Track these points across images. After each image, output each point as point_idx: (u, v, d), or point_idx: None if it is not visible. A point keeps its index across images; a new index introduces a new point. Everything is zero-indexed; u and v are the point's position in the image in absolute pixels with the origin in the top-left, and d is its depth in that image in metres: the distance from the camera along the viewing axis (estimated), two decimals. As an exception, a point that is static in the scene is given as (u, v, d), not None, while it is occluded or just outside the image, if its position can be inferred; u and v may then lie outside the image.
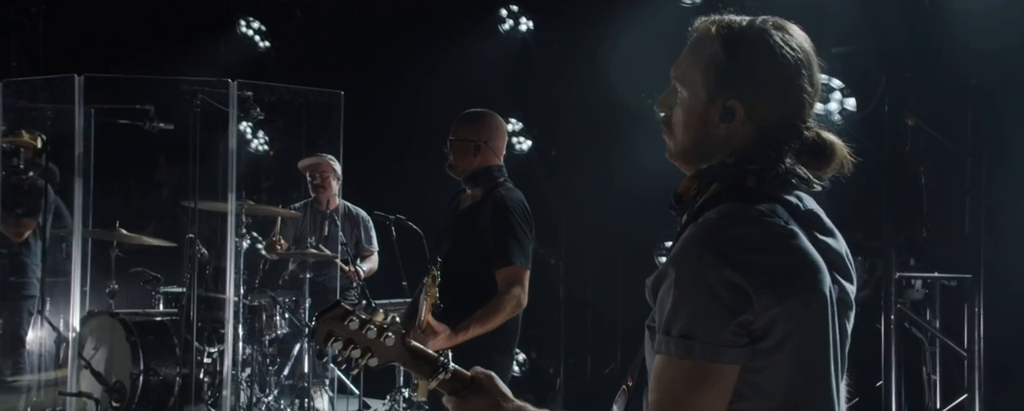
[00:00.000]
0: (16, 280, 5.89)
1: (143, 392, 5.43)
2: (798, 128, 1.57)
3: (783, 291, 1.41)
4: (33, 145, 5.95)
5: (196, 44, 7.52)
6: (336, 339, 1.85)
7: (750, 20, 1.57)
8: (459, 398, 1.79)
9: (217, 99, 5.45)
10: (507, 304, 3.36)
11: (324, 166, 5.94)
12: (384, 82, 7.15)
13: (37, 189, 5.95)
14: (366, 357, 1.86)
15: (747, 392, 1.44)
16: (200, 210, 5.52)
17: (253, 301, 5.67)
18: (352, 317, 1.85)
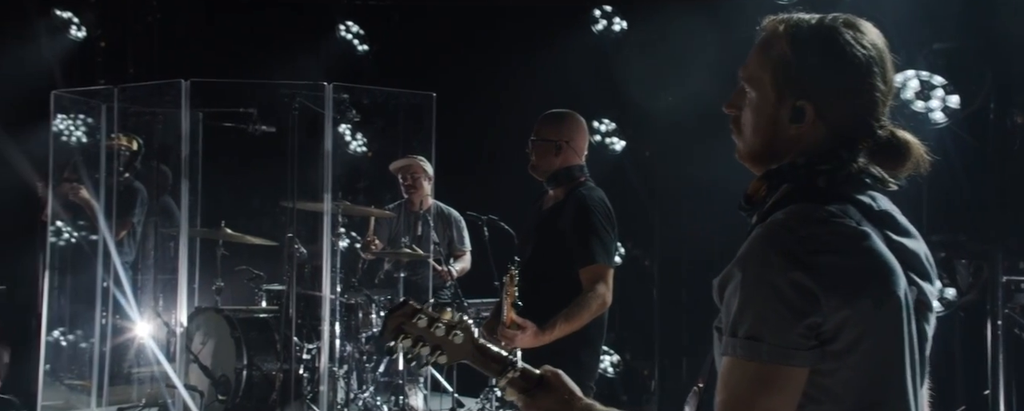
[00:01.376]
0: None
1: (247, 386, 5.62)
2: (871, 127, 1.52)
3: (853, 293, 1.38)
4: (130, 148, 6.25)
5: (298, 49, 7.75)
6: (405, 336, 1.88)
7: (819, 18, 1.53)
8: (528, 396, 1.80)
9: (315, 102, 5.61)
10: (593, 302, 3.36)
11: (415, 167, 6.04)
12: (478, 83, 7.22)
13: (133, 191, 6.25)
14: (435, 354, 1.88)
15: (817, 395, 1.42)
16: (299, 210, 5.70)
17: (350, 299, 5.80)
18: (421, 315, 1.88)
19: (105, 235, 5.98)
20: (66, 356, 6.63)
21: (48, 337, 6.18)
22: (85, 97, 6.14)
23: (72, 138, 6.96)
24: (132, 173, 6.25)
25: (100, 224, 6.06)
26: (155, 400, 5.97)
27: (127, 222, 6.22)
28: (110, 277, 5.74)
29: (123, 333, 6.21)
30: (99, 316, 6.08)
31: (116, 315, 6.13)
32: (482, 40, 7.48)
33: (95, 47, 7.57)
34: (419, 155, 6.08)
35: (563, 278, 3.47)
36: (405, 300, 1.90)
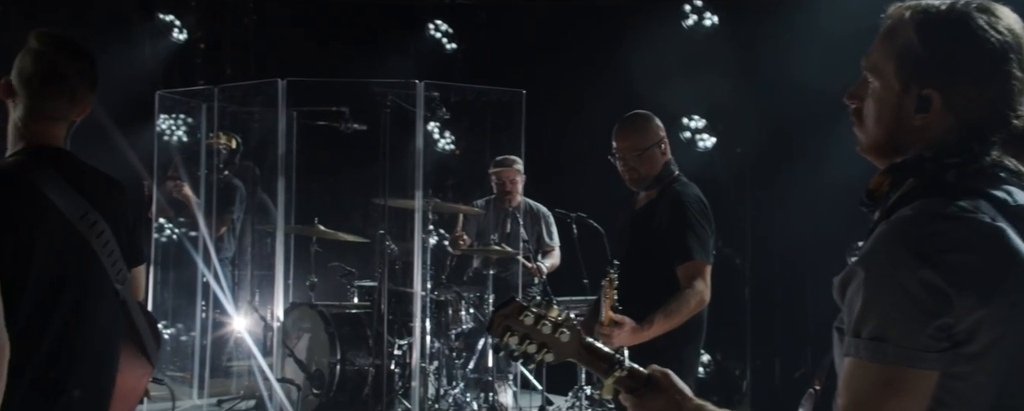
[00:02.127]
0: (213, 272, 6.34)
1: (340, 381, 5.72)
2: (1005, 117, 1.44)
3: (987, 292, 1.32)
4: (229, 146, 6.42)
5: (387, 48, 7.85)
6: (512, 334, 1.87)
7: (950, 3, 1.46)
8: (636, 397, 1.76)
9: (406, 100, 5.67)
10: (691, 299, 3.30)
11: (511, 173, 6.06)
12: (566, 80, 7.20)
13: (232, 188, 6.42)
14: (542, 353, 1.86)
15: (949, 400, 1.35)
16: (389, 207, 5.78)
17: (440, 296, 5.85)
18: (528, 312, 1.86)
19: (205, 232, 6.17)
20: (169, 349, 6.86)
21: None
22: (187, 97, 6.33)
23: (173, 137, 7.19)
24: (231, 171, 6.42)
25: (200, 221, 6.25)
26: (252, 393, 6.12)
27: (227, 219, 6.40)
28: (211, 272, 5.90)
29: (222, 327, 6.38)
30: (199, 310, 6.26)
31: (216, 309, 6.30)
32: (570, 37, 7.45)
33: (195, 49, 7.81)
34: (511, 155, 6.08)
35: (660, 277, 3.42)
36: (511, 297, 1.89)
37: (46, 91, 2.27)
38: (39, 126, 2.29)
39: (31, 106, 2.27)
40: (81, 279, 2.28)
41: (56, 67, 2.26)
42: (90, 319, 2.28)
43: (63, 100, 2.29)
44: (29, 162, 2.25)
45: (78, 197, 2.25)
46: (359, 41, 7.91)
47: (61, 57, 2.28)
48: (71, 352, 2.25)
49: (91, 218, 2.26)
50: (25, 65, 2.26)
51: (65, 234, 2.23)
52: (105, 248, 2.29)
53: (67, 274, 2.24)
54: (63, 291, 2.23)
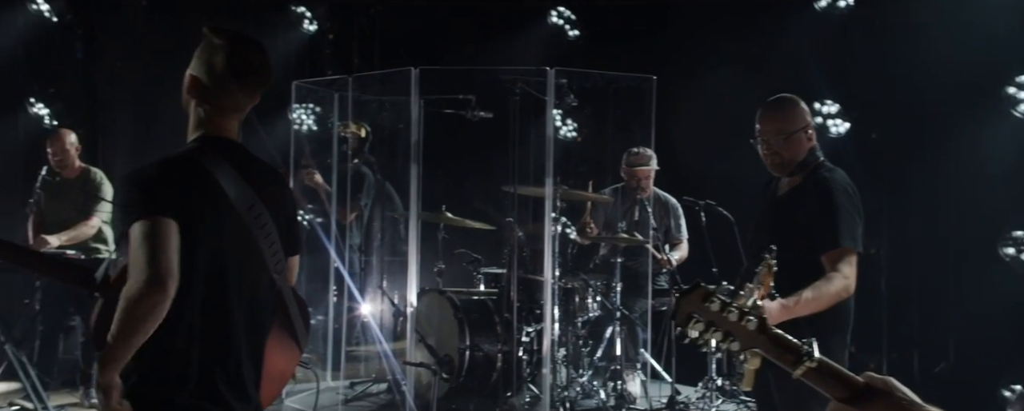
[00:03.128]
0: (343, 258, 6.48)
1: (469, 366, 5.78)
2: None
3: None
4: (358, 135, 6.54)
5: (511, 36, 7.87)
6: (697, 320, 1.83)
7: None
8: (857, 408, 1.67)
9: (534, 87, 5.66)
10: (837, 281, 3.17)
11: (648, 171, 6.00)
12: (693, 64, 7.07)
13: (360, 176, 6.54)
14: (727, 341, 1.82)
15: None
16: (517, 194, 5.79)
17: (567, 284, 5.83)
18: (713, 298, 1.82)
19: (337, 219, 6.31)
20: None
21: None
22: (322, 86, 6.48)
23: (303, 126, 7.38)
24: (361, 159, 6.55)
25: (331, 209, 6.40)
26: (383, 376, 6.25)
27: (355, 206, 6.53)
28: (340, 259, 6.03)
29: (353, 312, 6.53)
30: (331, 295, 6.42)
31: (348, 295, 6.45)
32: (697, 20, 7.31)
33: (324, 39, 8.00)
34: (645, 148, 6.01)
35: (806, 265, 3.31)
36: (697, 283, 1.84)
37: (236, 84, 2.32)
38: (221, 118, 2.36)
39: (218, 99, 2.33)
40: (243, 269, 2.32)
41: (246, 61, 2.32)
42: (247, 308, 2.33)
43: (248, 92, 2.36)
44: (207, 151, 2.31)
45: (248, 188, 2.31)
46: (481, 29, 7.95)
47: (248, 51, 2.35)
48: (231, 339, 2.31)
49: (257, 210, 2.32)
50: (215, 60, 2.31)
51: (234, 224, 2.29)
52: (267, 239, 2.34)
53: (230, 264, 2.29)
54: (225, 280, 2.28)
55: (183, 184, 2.22)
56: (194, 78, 2.33)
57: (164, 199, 2.16)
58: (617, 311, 5.78)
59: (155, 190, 2.18)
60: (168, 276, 2.10)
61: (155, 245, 2.11)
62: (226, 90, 2.32)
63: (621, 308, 5.79)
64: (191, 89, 2.34)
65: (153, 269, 2.08)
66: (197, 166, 2.27)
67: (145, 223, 2.13)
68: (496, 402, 5.53)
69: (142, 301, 2.08)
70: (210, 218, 2.25)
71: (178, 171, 2.25)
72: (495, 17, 8.01)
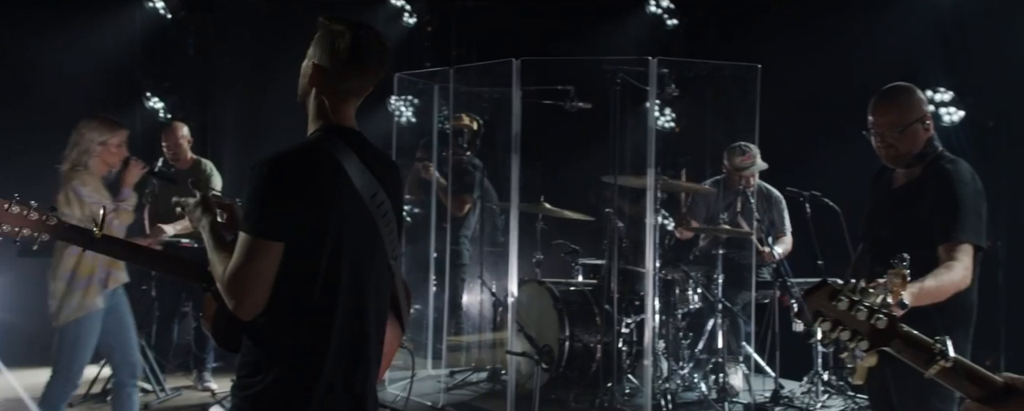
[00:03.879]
0: (454, 249, 6.55)
1: (568, 357, 5.79)
2: None
3: None
4: (470, 127, 6.58)
5: (608, 25, 7.81)
6: (824, 319, 1.79)
7: None
8: (993, 407, 1.61)
9: (634, 77, 5.61)
10: (957, 271, 3.01)
11: (752, 173, 5.90)
12: (795, 52, 6.89)
13: (474, 167, 6.59)
14: (855, 340, 1.78)
15: None
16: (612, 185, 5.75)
17: (667, 275, 5.78)
18: (841, 297, 1.78)
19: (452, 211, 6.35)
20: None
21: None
22: (424, 78, 6.55)
23: (401, 118, 7.48)
24: (474, 151, 6.61)
25: (439, 200, 6.47)
26: (483, 365, 6.31)
27: (468, 197, 6.59)
28: (446, 248, 6.10)
29: (455, 301, 6.60)
30: (431, 284, 6.50)
31: (450, 284, 6.52)
32: (798, 6, 7.12)
33: (422, 32, 8.09)
34: (748, 143, 5.90)
35: (925, 260, 3.19)
36: (823, 280, 1.80)
37: (357, 69, 2.32)
38: (342, 106, 2.35)
39: (339, 85, 2.33)
40: (371, 257, 2.32)
41: (366, 45, 2.32)
42: (375, 296, 2.33)
43: (369, 77, 2.36)
44: (332, 140, 2.29)
45: (371, 177, 2.31)
46: (576, 20, 7.91)
47: (368, 36, 2.34)
48: (363, 328, 2.30)
49: (379, 198, 2.32)
50: (338, 45, 2.30)
51: (358, 213, 2.29)
52: (387, 227, 2.35)
53: (360, 253, 2.28)
54: (356, 269, 2.27)
55: (311, 177, 2.21)
56: (317, 66, 2.33)
57: (278, 217, 2.16)
58: (718, 303, 5.70)
59: (277, 198, 2.17)
60: (244, 304, 2.15)
61: (249, 269, 2.15)
62: (347, 75, 2.32)
63: (723, 300, 5.71)
64: (313, 78, 2.34)
65: (236, 292, 2.15)
66: (326, 155, 2.25)
67: (251, 240, 2.15)
68: (596, 392, 5.52)
69: (221, 289, 2.20)
70: (339, 207, 2.24)
71: (307, 161, 2.23)
72: (591, 7, 7.95)
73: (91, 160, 4.64)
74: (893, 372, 3.06)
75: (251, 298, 2.14)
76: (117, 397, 4.89)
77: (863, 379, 2.82)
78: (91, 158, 4.63)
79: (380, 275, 2.37)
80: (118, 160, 4.76)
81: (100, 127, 4.70)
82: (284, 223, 2.15)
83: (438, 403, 5.56)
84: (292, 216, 2.16)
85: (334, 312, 2.24)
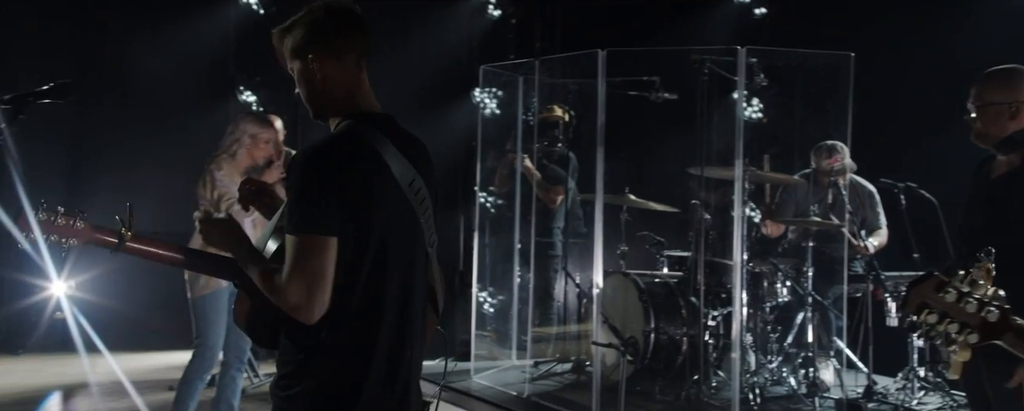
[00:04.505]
0: (544, 241, 6.57)
1: (654, 349, 5.76)
2: None
3: None
4: (563, 119, 6.60)
5: (696, 14, 7.72)
6: (930, 311, 1.75)
7: None
8: None
9: (722, 67, 5.53)
10: None
11: (841, 175, 5.78)
12: (886, 40, 6.69)
13: (565, 159, 6.61)
14: (964, 333, 1.73)
15: None
16: (697, 177, 5.69)
17: (755, 268, 5.69)
18: (949, 288, 1.74)
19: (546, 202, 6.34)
20: (492, 311, 7.26)
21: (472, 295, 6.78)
22: (509, 70, 6.58)
23: (487, 110, 7.53)
24: (565, 143, 6.62)
25: (517, 190, 6.50)
26: (568, 356, 6.33)
27: (560, 189, 6.61)
28: (530, 239, 6.13)
29: (548, 292, 6.63)
30: (516, 276, 6.54)
31: (541, 275, 6.55)
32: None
33: (507, 24, 8.13)
34: (835, 143, 5.78)
35: (1015, 252, 3.07)
36: (930, 272, 1.76)
37: (348, 28, 2.26)
38: (358, 87, 2.30)
39: (344, 59, 2.26)
40: (410, 248, 2.26)
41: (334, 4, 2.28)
42: (415, 288, 2.27)
43: (362, 35, 2.29)
44: (367, 129, 2.23)
45: (408, 164, 2.23)
46: (660, 10, 7.84)
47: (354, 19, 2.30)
48: (407, 321, 2.24)
49: (417, 185, 2.25)
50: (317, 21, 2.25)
51: (399, 203, 2.22)
52: (425, 213, 2.28)
53: (399, 244, 2.22)
54: (396, 261, 2.21)
55: (352, 168, 2.13)
56: (316, 56, 2.24)
57: (327, 211, 2.07)
58: (808, 296, 5.59)
59: (322, 192, 2.08)
60: (311, 307, 2.06)
61: (308, 269, 2.05)
62: (344, 40, 2.25)
63: (813, 293, 5.60)
64: (320, 69, 2.25)
65: (300, 296, 2.05)
66: (363, 145, 2.18)
67: (305, 239, 2.06)
68: (682, 385, 5.48)
69: (277, 300, 2.10)
70: (381, 198, 2.17)
71: (347, 152, 2.16)
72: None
73: (240, 150, 4.92)
74: (990, 365, 2.97)
75: (319, 299, 2.05)
76: (222, 379, 5.08)
77: (958, 374, 2.75)
78: (240, 149, 4.92)
79: (422, 264, 2.30)
80: (264, 155, 5.00)
81: (254, 121, 5.01)
82: (333, 217, 2.06)
83: (523, 393, 5.59)
84: (339, 209, 2.07)
85: (381, 308, 2.18)
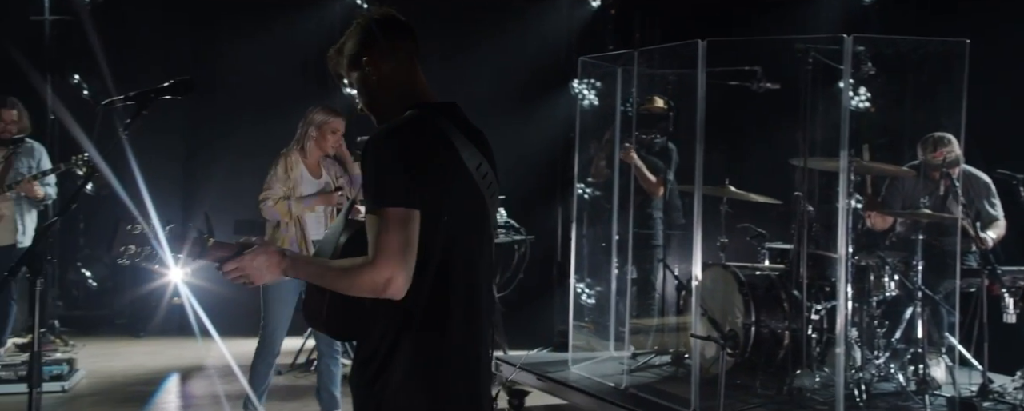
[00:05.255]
0: (645, 232, 6.55)
1: (754, 343, 5.68)
2: None
3: None
4: (664, 110, 6.56)
5: (799, 1, 7.55)
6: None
7: None
8: None
9: (827, 55, 5.40)
10: None
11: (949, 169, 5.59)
12: (1002, 26, 6.41)
13: (666, 150, 6.58)
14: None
15: None
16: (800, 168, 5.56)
17: (861, 261, 5.55)
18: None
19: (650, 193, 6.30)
20: (592, 303, 7.28)
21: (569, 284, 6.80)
22: (608, 62, 6.57)
23: (585, 101, 7.53)
24: (666, 134, 6.59)
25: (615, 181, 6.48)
26: (666, 349, 6.29)
27: (661, 180, 6.58)
28: (628, 230, 6.10)
29: (650, 283, 6.62)
30: (613, 267, 6.53)
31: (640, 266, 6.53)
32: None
33: (606, 15, 8.10)
34: (944, 135, 5.59)
35: None
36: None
37: (397, 29, 2.37)
38: (416, 80, 2.37)
39: (398, 56, 2.35)
40: (478, 232, 2.30)
41: (383, 10, 2.40)
42: (483, 271, 2.30)
43: (411, 33, 2.40)
44: (434, 115, 2.28)
45: (474, 148, 2.28)
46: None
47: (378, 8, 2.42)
48: (475, 303, 2.27)
49: (484, 169, 2.29)
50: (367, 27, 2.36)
51: (467, 183, 2.26)
52: (492, 198, 2.32)
53: (468, 227, 2.26)
54: (465, 244, 2.25)
55: (426, 148, 2.18)
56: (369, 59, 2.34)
57: (406, 185, 2.10)
58: (918, 291, 5.42)
59: (409, 166, 2.12)
60: (398, 279, 2.07)
61: (394, 240, 2.07)
62: (396, 41, 2.35)
63: (922, 288, 5.42)
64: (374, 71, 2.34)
65: (389, 268, 2.06)
66: (433, 127, 2.23)
67: (388, 211, 2.08)
68: (784, 379, 5.39)
69: (361, 285, 2.10)
70: (451, 180, 2.22)
71: (419, 132, 2.20)
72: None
73: (308, 142, 5.13)
74: None
75: (406, 270, 2.07)
76: (318, 367, 5.25)
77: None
78: (309, 140, 5.12)
79: (488, 248, 2.34)
80: (330, 146, 5.17)
81: (321, 110, 5.22)
82: (413, 190, 2.10)
83: (621, 385, 5.59)
84: (417, 184, 2.11)
85: (450, 289, 2.19)
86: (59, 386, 6.28)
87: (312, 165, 5.18)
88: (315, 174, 5.20)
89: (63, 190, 6.89)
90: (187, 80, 2.80)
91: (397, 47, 2.35)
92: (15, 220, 6.54)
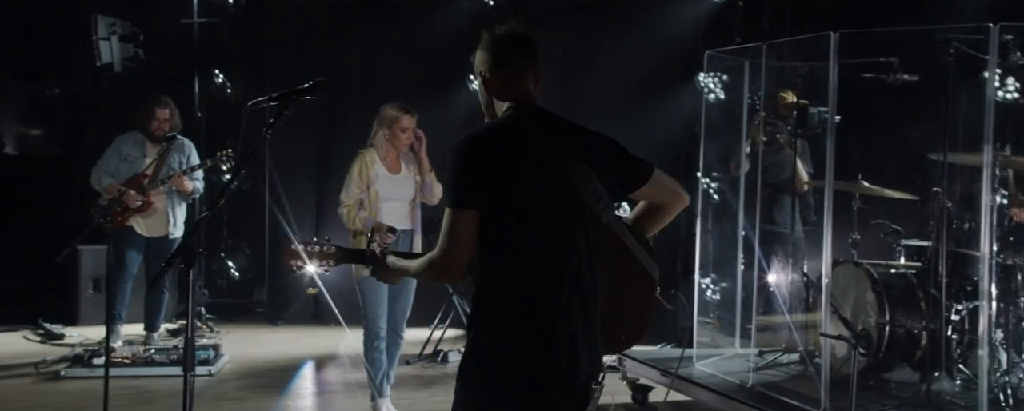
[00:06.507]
0: (769, 228, 6.42)
1: (889, 342, 5.50)
2: None
3: None
4: (795, 104, 6.42)
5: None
6: None
7: None
8: None
9: (970, 45, 5.17)
10: None
11: None
12: None
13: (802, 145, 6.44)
14: None
15: None
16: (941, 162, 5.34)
17: (1007, 260, 5.29)
18: None
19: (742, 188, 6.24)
20: (718, 299, 7.20)
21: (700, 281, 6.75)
22: (734, 55, 6.47)
23: (711, 95, 7.44)
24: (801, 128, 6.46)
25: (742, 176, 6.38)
26: (794, 347, 6.16)
27: (813, 179, 6.45)
28: (754, 228, 6.01)
29: (763, 281, 6.50)
30: (739, 263, 6.43)
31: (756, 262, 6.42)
32: None
33: (733, 8, 7.97)
34: None
35: None
36: None
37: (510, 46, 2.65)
38: (521, 88, 2.64)
39: (505, 69, 2.63)
40: (561, 221, 2.51)
41: (506, 29, 2.67)
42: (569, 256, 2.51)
43: (525, 49, 2.67)
44: (519, 115, 2.60)
45: (557, 142, 2.54)
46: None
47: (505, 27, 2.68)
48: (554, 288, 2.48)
49: (573, 161, 2.52)
50: (488, 44, 2.66)
51: (547, 179, 2.49)
52: (587, 186, 2.52)
53: (547, 217, 2.49)
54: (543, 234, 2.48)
55: (496, 150, 2.49)
56: (483, 75, 2.66)
57: (471, 189, 2.45)
58: (1068, 292, 5.13)
59: (472, 170, 2.46)
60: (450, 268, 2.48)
61: (451, 236, 2.46)
62: (507, 55, 2.63)
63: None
64: (486, 85, 2.66)
65: (444, 259, 2.47)
66: (511, 128, 2.55)
67: (450, 211, 2.46)
68: (921, 380, 5.20)
69: (430, 271, 2.56)
70: (523, 175, 2.47)
71: (493, 137, 2.55)
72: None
73: (381, 140, 5.27)
74: None
75: (455, 262, 2.46)
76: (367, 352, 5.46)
77: None
78: (381, 138, 5.27)
79: (582, 236, 2.53)
80: (402, 143, 5.29)
81: (394, 109, 5.34)
82: (473, 193, 2.44)
83: (747, 382, 5.52)
84: (478, 186, 2.44)
85: (526, 280, 2.46)
86: (206, 370, 6.65)
87: (391, 161, 5.31)
88: (394, 170, 5.31)
89: (209, 185, 7.29)
90: (325, 81, 2.95)
91: (514, 64, 2.63)
92: (167, 213, 6.98)
